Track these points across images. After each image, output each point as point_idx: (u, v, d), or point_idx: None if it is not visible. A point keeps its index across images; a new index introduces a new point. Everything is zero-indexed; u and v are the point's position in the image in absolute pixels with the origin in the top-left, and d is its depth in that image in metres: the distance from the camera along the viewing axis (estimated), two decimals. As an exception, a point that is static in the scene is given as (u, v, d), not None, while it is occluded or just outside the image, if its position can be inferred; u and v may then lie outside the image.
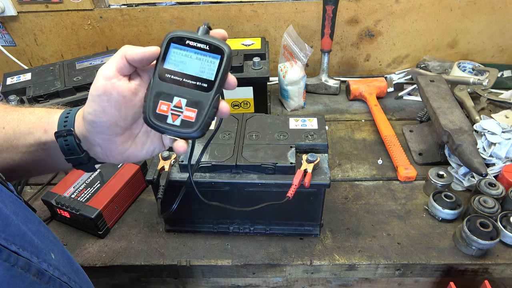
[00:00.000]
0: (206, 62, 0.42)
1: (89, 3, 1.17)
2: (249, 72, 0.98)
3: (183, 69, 0.42)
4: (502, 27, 1.22)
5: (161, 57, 0.42)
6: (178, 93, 0.43)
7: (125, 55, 0.40)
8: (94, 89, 0.41)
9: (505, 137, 0.87)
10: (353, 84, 1.18)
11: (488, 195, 0.78)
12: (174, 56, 0.42)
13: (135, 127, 0.45)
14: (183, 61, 0.42)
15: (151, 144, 0.47)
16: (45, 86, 0.93)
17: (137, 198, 0.88)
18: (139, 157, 0.47)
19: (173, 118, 0.43)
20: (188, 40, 0.42)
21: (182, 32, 0.42)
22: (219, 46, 0.42)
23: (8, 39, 1.25)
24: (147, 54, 0.41)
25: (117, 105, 0.41)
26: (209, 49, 0.42)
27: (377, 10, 1.19)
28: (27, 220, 0.40)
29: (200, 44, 0.42)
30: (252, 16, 1.20)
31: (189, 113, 0.43)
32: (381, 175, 0.92)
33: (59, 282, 0.41)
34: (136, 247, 0.78)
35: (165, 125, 0.43)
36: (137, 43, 1.26)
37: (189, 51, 0.42)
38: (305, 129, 0.76)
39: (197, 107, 0.43)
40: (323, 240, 0.78)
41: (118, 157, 0.46)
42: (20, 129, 0.46)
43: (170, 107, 0.43)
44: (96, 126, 0.42)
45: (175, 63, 0.42)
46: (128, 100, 0.42)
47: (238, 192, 0.72)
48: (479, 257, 0.73)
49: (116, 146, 0.44)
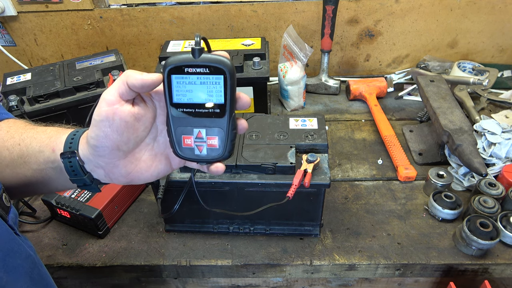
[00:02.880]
0: (212, 85, 0.41)
1: (89, 3, 1.17)
2: (249, 72, 0.98)
3: (192, 99, 0.41)
4: (502, 27, 1.22)
5: (167, 91, 0.41)
6: (196, 125, 0.42)
7: (127, 80, 0.40)
8: (97, 114, 0.41)
9: (505, 137, 0.87)
10: (353, 84, 1.18)
11: (488, 195, 0.78)
12: (179, 87, 0.41)
13: (138, 151, 0.45)
14: (190, 89, 0.41)
15: (156, 167, 0.47)
16: (45, 86, 0.93)
17: (137, 198, 0.88)
18: (144, 180, 0.47)
19: (199, 149, 0.43)
20: (186, 68, 0.40)
21: (179, 60, 0.40)
22: (219, 66, 0.40)
23: (8, 39, 1.25)
24: (148, 81, 0.40)
25: (119, 131, 0.41)
26: (209, 71, 0.40)
27: (377, 10, 1.19)
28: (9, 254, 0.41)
29: (199, 69, 0.40)
30: (252, 16, 1.20)
31: (212, 141, 0.43)
32: (381, 175, 0.92)
33: None
34: (136, 247, 0.78)
35: (195, 156, 0.44)
36: (137, 43, 1.26)
37: (191, 78, 0.41)
38: (305, 129, 0.76)
39: (217, 134, 0.43)
40: (323, 240, 0.78)
41: (121, 179, 0.46)
42: (33, 147, 0.47)
43: (192, 140, 0.43)
44: (99, 150, 0.42)
45: (182, 93, 0.41)
46: (131, 126, 0.42)
47: (238, 192, 0.72)
48: (479, 257, 0.73)
49: (119, 169, 0.45)
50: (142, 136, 0.45)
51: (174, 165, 0.48)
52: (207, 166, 0.45)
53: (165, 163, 0.47)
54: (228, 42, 1.07)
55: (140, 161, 0.46)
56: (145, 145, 0.46)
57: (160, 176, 0.48)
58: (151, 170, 0.46)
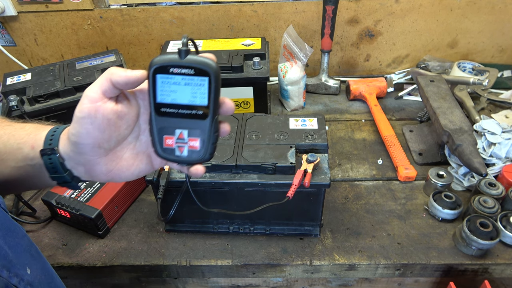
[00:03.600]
0: (196, 86, 0.41)
1: (89, 3, 1.17)
2: (249, 72, 0.98)
3: (176, 99, 0.41)
4: (502, 27, 1.22)
5: (151, 90, 0.41)
6: (178, 126, 0.42)
7: (111, 77, 0.40)
8: (79, 110, 0.41)
9: (505, 137, 0.87)
10: (353, 84, 1.18)
11: (488, 195, 0.78)
12: (163, 86, 0.41)
13: (120, 149, 0.45)
14: (174, 90, 0.41)
15: (138, 166, 0.46)
16: (45, 86, 0.93)
17: (137, 198, 0.88)
18: (125, 178, 0.47)
19: (180, 150, 0.43)
20: (172, 68, 0.40)
21: (164, 60, 0.40)
22: (204, 68, 0.40)
23: (8, 39, 1.25)
24: (133, 78, 0.40)
25: (101, 128, 0.41)
26: (194, 73, 0.40)
27: (377, 10, 1.19)
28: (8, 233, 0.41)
29: (184, 69, 0.40)
30: (252, 16, 1.20)
31: (193, 143, 0.43)
32: (381, 175, 0.92)
33: None
34: (136, 247, 0.78)
35: (175, 157, 0.44)
36: (137, 43, 1.26)
37: (176, 78, 0.40)
38: (305, 129, 0.76)
39: (199, 136, 0.42)
40: (323, 240, 0.78)
41: (102, 176, 0.45)
42: (11, 144, 0.46)
43: (174, 140, 0.43)
44: (80, 147, 0.42)
45: (167, 93, 0.41)
46: (113, 123, 0.42)
47: (238, 192, 0.72)
48: (479, 257, 0.73)
49: (100, 167, 0.44)
50: (125, 134, 0.44)
51: (155, 165, 0.47)
52: (187, 167, 0.45)
53: (146, 162, 0.47)
54: (228, 42, 1.07)
55: (122, 159, 0.45)
56: (127, 143, 0.45)
57: (141, 175, 0.48)
58: (132, 168, 0.46)
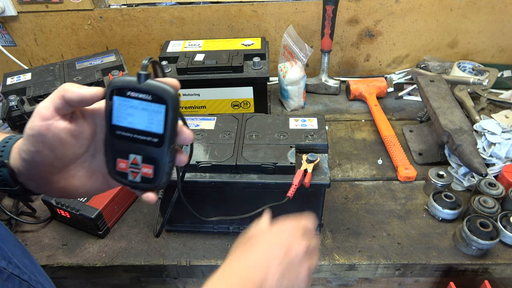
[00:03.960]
0: (153, 113, 0.39)
1: (89, 3, 1.17)
2: (249, 72, 0.98)
3: (132, 123, 0.40)
4: (502, 27, 1.22)
5: (108, 111, 0.40)
6: (133, 150, 0.41)
7: (64, 94, 0.38)
8: (29, 128, 0.38)
9: (505, 137, 0.87)
10: (353, 84, 1.18)
11: (488, 195, 0.78)
12: (120, 109, 0.39)
13: (74, 168, 0.43)
14: (131, 113, 0.39)
15: (92, 185, 0.45)
16: (45, 86, 0.93)
17: (137, 198, 0.88)
18: (79, 196, 0.45)
19: (133, 175, 0.42)
20: (129, 91, 0.39)
21: (123, 82, 0.39)
22: (161, 95, 0.38)
23: (8, 39, 1.25)
24: (87, 96, 0.38)
25: (52, 147, 0.39)
26: (151, 99, 0.38)
27: (377, 10, 1.19)
28: None
29: (142, 95, 0.38)
30: (252, 16, 1.20)
31: (147, 170, 0.41)
32: (381, 175, 0.92)
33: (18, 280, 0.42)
34: (136, 247, 0.78)
35: (128, 182, 0.42)
36: (137, 43, 1.26)
37: (133, 102, 0.39)
38: (305, 129, 0.76)
39: (153, 163, 0.41)
40: (323, 240, 0.78)
41: (54, 193, 0.44)
42: None
43: (128, 165, 0.41)
44: (29, 164, 0.40)
45: (123, 116, 0.40)
46: (66, 142, 0.40)
47: (238, 192, 0.72)
48: (479, 257, 0.73)
49: (51, 184, 0.42)
50: (78, 153, 0.42)
51: (111, 184, 0.45)
52: (140, 192, 0.43)
53: (101, 181, 0.45)
54: (228, 42, 1.07)
55: (75, 177, 0.43)
56: (82, 161, 0.43)
57: (97, 193, 0.46)
58: (86, 187, 0.44)
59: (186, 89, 0.99)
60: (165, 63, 0.98)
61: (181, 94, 1.00)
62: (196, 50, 1.04)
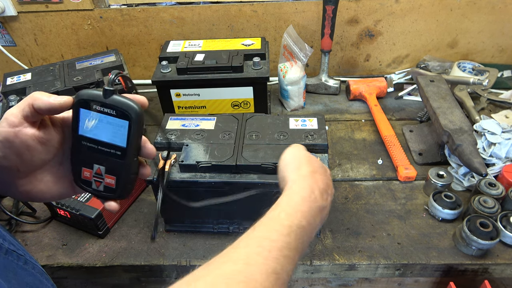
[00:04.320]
0: (117, 127, 0.40)
1: (89, 3, 1.17)
2: (249, 72, 0.98)
3: (97, 135, 0.41)
4: (502, 27, 1.22)
5: (74, 121, 0.41)
6: (97, 161, 0.42)
7: (33, 103, 0.39)
8: None
9: (505, 137, 0.87)
10: (353, 84, 1.18)
11: (488, 195, 0.78)
12: (85, 120, 0.41)
13: (40, 172, 0.44)
14: (96, 125, 0.40)
15: (58, 190, 0.45)
16: (45, 86, 0.93)
17: (137, 198, 0.88)
18: (45, 200, 0.46)
19: (96, 184, 0.43)
20: (94, 105, 0.39)
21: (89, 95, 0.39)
22: (125, 111, 0.39)
23: (8, 39, 1.25)
24: (55, 105, 0.39)
25: (18, 153, 0.40)
26: (115, 114, 0.39)
27: (377, 10, 1.19)
28: None
29: (106, 109, 0.39)
30: (252, 16, 1.20)
31: (110, 180, 0.43)
32: (381, 175, 0.92)
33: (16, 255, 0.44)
34: (136, 247, 0.78)
35: (91, 190, 0.44)
36: (137, 43, 1.26)
37: (98, 115, 0.40)
38: (305, 129, 0.76)
39: (115, 174, 0.42)
40: (323, 240, 0.78)
41: (19, 196, 0.44)
42: None
43: (92, 174, 0.43)
44: None
45: (88, 128, 0.41)
46: (33, 149, 0.41)
47: (238, 192, 0.72)
48: (479, 257, 0.73)
49: (17, 187, 0.43)
50: (45, 159, 0.43)
51: (77, 190, 0.47)
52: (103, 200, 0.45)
53: (68, 187, 0.46)
54: (228, 42, 1.07)
55: (42, 182, 0.44)
56: (49, 167, 0.44)
57: (63, 198, 0.47)
58: (52, 192, 0.45)
59: (186, 89, 0.99)
60: (165, 63, 0.98)
61: (181, 94, 1.00)
62: (196, 50, 1.04)
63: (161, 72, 0.98)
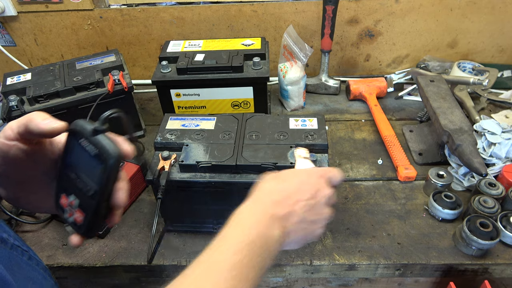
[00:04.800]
0: (94, 166, 0.40)
1: (89, 3, 1.17)
2: (249, 72, 0.98)
3: (78, 168, 0.41)
4: (502, 27, 1.22)
5: (64, 148, 0.41)
6: (74, 192, 0.42)
7: (27, 124, 0.40)
8: None
9: (505, 137, 0.87)
10: (353, 84, 1.18)
11: (488, 195, 0.78)
12: (73, 151, 0.41)
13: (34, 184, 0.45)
14: (81, 157, 0.40)
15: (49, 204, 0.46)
16: (45, 86, 0.93)
17: (137, 198, 0.88)
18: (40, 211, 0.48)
19: (68, 214, 0.43)
20: (82, 138, 0.40)
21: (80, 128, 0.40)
22: (104, 154, 0.38)
23: (8, 39, 1.25)
24: (46, 131, 0.40)
25: (10, 163, 0.42)
26: (95, 154, 0.39)
27: (377, 10, 1.19)
28: None
29: (90, 146, 0.39)
30: (252, 16, 1.20)
31: (79, 216, 0.42)
32: (381, 175, 0.92)
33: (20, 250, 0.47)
34: (136, 247, 0.78)
35: (64, 217, 0.44)
36: (137, 43, 1.26)
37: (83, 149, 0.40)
38: (305, 129, 0.76)
39: (85, 212, 0.42)
40: (323, 240, 0.78)
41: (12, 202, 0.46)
42: None
43: (67, 203, 0.43)
44: None
45: (74, 158, 0.41)
46: (24, 162, 0.42)
47: (238, 192, 0.72)
48: (479, 257, 0.73)
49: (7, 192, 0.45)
50: (35, 175, 0.45)
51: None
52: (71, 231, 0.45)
53: None
54: (228, 42, 1.07)
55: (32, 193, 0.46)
56: (40, 181, 0.45)
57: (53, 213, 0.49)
58: (42, 204, 0.47)
59: (186, 89, 0.99)
60: (165, 63, 0.98)
61: (181, 94, 1.00)
62: (196, 50, 1.04)
63: (161, 72, 0.98)
